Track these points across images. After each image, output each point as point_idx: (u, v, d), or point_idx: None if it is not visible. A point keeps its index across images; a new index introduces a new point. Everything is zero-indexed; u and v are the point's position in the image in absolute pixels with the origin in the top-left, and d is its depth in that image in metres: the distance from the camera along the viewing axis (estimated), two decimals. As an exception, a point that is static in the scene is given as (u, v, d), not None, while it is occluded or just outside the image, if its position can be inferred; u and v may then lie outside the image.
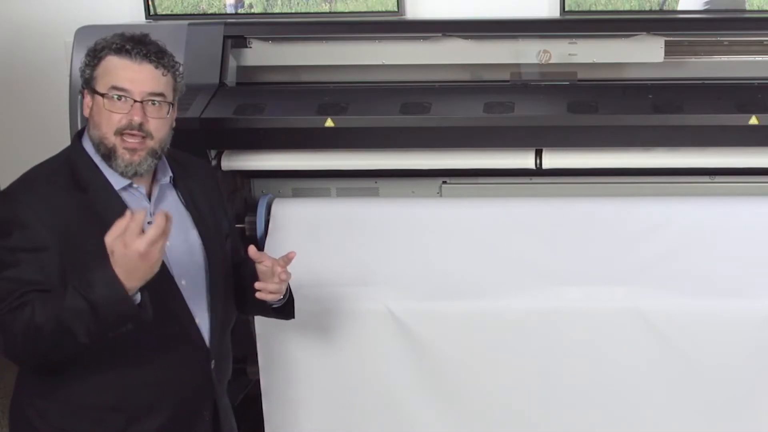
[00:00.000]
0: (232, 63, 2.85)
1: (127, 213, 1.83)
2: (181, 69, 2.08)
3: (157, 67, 2.00)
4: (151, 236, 1.80)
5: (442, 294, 2.67)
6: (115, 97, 1.97)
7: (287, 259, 2.16)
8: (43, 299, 1.88)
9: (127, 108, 1.98)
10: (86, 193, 1.99)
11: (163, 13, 3.33)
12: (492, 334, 2.65)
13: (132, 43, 1.99)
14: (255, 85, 2.91)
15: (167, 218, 1.83)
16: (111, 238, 1.82)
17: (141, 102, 1.98)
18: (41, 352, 1.94)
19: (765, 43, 2.79)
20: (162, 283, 2.00)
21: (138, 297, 1.88)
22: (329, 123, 2.62)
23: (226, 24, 2.85)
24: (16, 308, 1.89)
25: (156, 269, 1.85)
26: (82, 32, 2.79)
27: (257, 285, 2.14)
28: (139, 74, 1.98)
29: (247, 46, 2.89)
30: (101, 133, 1.99)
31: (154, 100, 2.00)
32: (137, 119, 1.97)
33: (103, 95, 1.98)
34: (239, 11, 3.32)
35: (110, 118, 1.98)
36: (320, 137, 2.65)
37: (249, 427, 2.76)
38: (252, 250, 2.13)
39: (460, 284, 2.68)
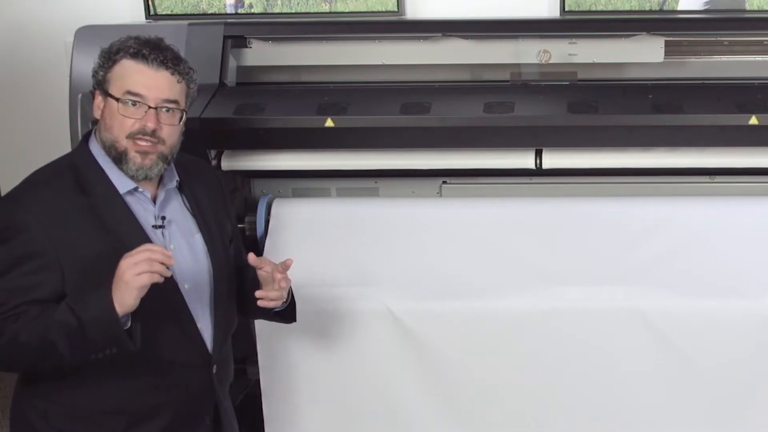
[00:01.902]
0: (232, 63, 2.85)
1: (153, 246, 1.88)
2: (195, 76, 2.07)
3: (173, 74, 1.99)
4: (132, 256, 1.84)
5: (442, 294, 2.66)
6: (130, 102, 1.96)
7: (285, 266, 2.15)
8: (33, 316, 1.88)
9: (141, 114, 1.97)
10: (89, 197, 1.98)
11: (163, 13, 3.33)
12: (492, 334, 2.65)
13: (149, 48, 1.98)
14: (255, 85, 2.91)
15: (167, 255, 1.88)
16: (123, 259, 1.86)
17: (155, 108, 1.97)
18: (24, 364, 1.97)
19: (765, 43, 2.79)
20: (165, 287, 2.00)
21: (128, 324, 1.89)
22: (329, 123, 2.62)
23: (226, 24, 2.85)
24: (5, 319, 1.89)
25: (130, 296, 1.85)
26: (82, 32, 2.79)
27: (258, 294, 2.13)
28: (155, 80, 1.97)
29: (247, 46, 2.89)
30: (113, 137, 1.98)
31: (167, 107, 1.99)
32: (151, 125, 1.97)
33: (117, 99, 1.97)
34: (239, 11, 3.32)
35: (123, 123, 1.97)
36: (320, 137, 2.65)
37: (249, 427, 2.76)
38: (252, 257, 2.12)
39: (460, 284, 2.67)
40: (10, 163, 3.45)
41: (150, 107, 1.97)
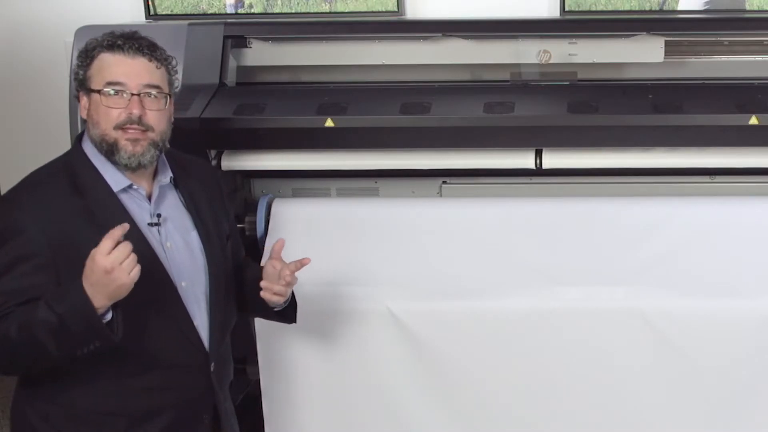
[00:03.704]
0: (232, 63, 2.85)
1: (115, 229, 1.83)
2: (174, 63, 2.08)
3: (150, 60, 2.01)
4: (116, 256, 1.80)
5: (442, 294, 2.67)
6: (111, 92, 1.97)
7: (300, 264, 2.16)
8: (19, 313, 1.88)
9: (125, 102, 1.97)
10: (84, 197, 1.99)
11: (163, 13, 3.33)
12: (492, 334, 2.65)
13: (123, 39, 2.00)
14: (255, 85, 2.91)
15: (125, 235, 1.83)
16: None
17: (138, 95, 1.98)
18: (18, 365, 1.96)
19: (765, 43, 2.79)
20: (161, 285, 2.00)
21: (109, 316, 1.88)
22: (329, 123, 2.62)
23: (226, 24, 2.85)
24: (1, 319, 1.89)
25: (125, 291, 1.84)
26: (82, 32, 2.79)
27: (262, 283, 2.14)
28: (133, 67, 1.99)
29: (247, 46, 2.89)
30: (101, 131, 1.99)
31: (150, 92, 2.00)
32: (136, 112, 1.97)
33: (99, 92, 1.97)
34: (239, 11, 3.32)
35: (108, 114, 1.97)
36: (320, 137, 2.65)
37: (249, 427, 2.76)
38: (279, 245, 2.14)
39: (460, 284, 2.67)
40: (10, 163, 3.45)
41: (133, 94, 1.97)
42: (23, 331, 1.87)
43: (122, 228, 1.83)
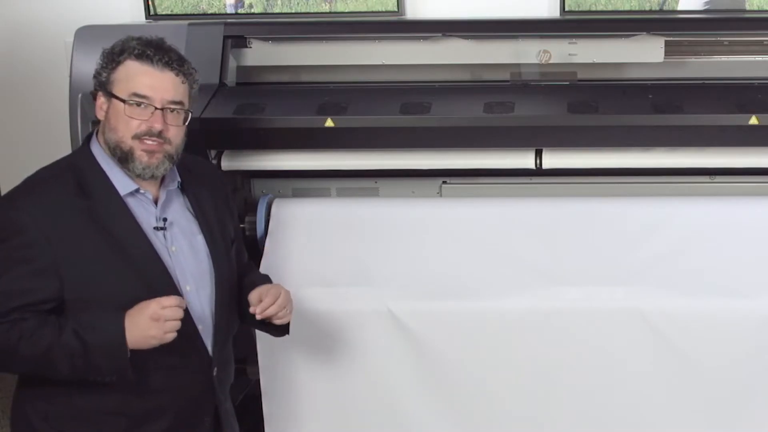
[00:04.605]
0: (232, 63, 2.85)
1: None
2: (197, 76, 2.08)
3: (177, 75, 2.01)
4: (168, 312, 1.90)
5: (442, 294, 2.66)
6: (136, 103, 1.97)
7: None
8: (32, 328, 1.89)
9: (147, 115, 1.97)
10: (90, 199, 1.98)
11: (163, 13, 3.33)
12: (492, 334, 2.65)
13: (153, 49, 1.99)
14: (255, 85, 2.91)
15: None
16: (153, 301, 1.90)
17: (161, 109, 1.98)
18: (17, 371, 2.00)
19: (765, 43, 2.79)
20: (166, 288, 2.00)
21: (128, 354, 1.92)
22: (329, 123, 2.62)
23: (226, 24, 2.85)
24: (1, 323, 1.90)
25: (150, 345, 1.91)
26: (82, 32, 2.79)
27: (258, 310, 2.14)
28: (161, 81, 1.98)
29: (247, 46, 2.89)
30: (118, 137, 1.98)
31: (173, 108, 2.00)
32: (158, 126, 1.97)
33: (123, 101, 1.97)
34: (239, 11, 3.32)
35: (129, 124, 1.97)
36: (320, 137, 2.65)
37: (249, 427, 2.76)
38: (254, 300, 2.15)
39: (460, 284, 2.67)
40: (10, 163, 3.45)
41: (156, 108, 1.97)
42: (37, 349, 1.88)
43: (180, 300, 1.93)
